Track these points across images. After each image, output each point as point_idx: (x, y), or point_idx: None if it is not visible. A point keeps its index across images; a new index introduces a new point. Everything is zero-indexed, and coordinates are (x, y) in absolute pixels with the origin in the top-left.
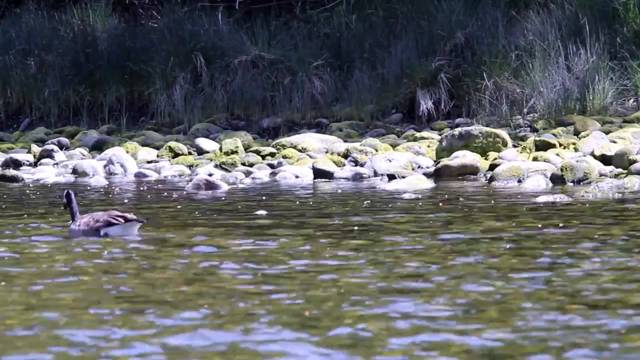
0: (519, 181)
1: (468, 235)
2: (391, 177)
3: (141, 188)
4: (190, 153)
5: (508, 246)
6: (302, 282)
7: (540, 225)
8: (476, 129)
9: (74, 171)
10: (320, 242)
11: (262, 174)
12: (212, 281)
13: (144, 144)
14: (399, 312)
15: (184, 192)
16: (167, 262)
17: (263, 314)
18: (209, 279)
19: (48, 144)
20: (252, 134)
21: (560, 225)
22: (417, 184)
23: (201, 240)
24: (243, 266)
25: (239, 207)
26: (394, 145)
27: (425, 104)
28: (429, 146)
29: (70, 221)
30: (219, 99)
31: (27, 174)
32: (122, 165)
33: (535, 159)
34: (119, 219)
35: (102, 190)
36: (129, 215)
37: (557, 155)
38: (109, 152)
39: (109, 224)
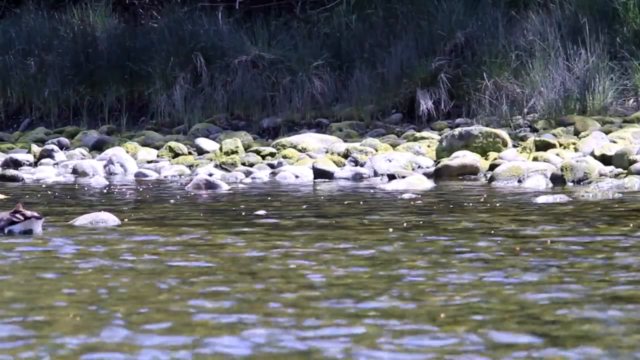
0: (519, 181)
1: (467, 235)
2: (391, 177)
3: (140, 188)
4: (190, 153)
5: (507, 245)
6: (302, 282)
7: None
8: (476, 129)
9: (74, 171)
10: (321, 242)
11: (262, 174)
12: (210, 281)
13: (144, 144)
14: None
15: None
16: (167, 261)
17: (262, 314)
18: (207, 279)
19: (48, 144)
20: (252, 134)
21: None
22: (417, 184)
23: (201, 240)
24: (242, 266)
25: (239, 207)
26: (394, 145)
27: (425, 104)
28: (429, 146)
29: None
30: (219, 99)
31: (27, 174)
32: (122, 165)
33: (535, 159)
34: (19, 216)
35: (102, 190)
36: (29, 213)
37: (557, 155)
38: (109, 152)
39: (11, 223)
